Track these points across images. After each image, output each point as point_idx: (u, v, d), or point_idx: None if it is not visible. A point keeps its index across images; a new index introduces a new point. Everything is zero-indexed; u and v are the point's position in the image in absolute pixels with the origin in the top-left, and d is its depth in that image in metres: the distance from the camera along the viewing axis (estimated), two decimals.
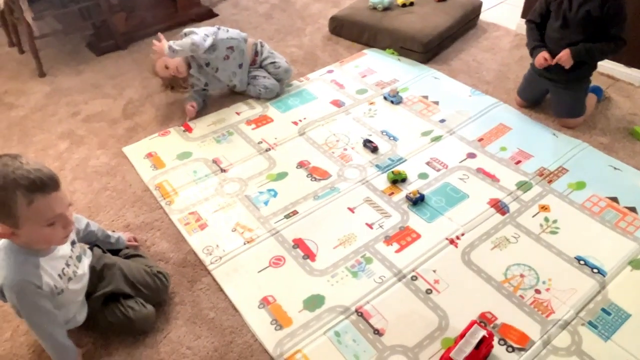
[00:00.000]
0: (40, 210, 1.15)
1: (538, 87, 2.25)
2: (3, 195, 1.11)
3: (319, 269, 1.62)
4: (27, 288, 1.21)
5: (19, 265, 1.21)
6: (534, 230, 1.73)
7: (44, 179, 1.14)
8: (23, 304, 1.23)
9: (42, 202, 1.14)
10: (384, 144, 2.12)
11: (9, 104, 2.47)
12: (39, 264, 1.24)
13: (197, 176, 2.00)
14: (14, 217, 1.14)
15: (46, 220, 1.17)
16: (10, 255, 1.22)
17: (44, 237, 1.21)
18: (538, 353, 1.38)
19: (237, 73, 2.36)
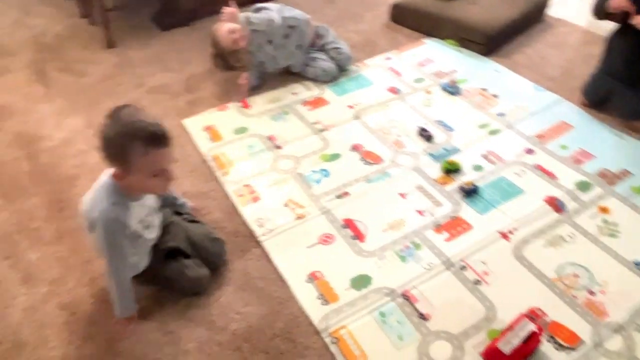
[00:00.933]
0: (150, 162, 1.25)
1: (605, 86, 2.16)
2: (123, 142, 1.21)
3: (368, 250, 1.64)
4: (116, 226, 1.31)
5: (114, 204, 1.31)
6: (591, 231, 1.68)
7: (160, 134, 1.24)
8: (108, 239, 1.32)
9: (154, 155, 1.25)
10: (439, 134, 2.11)
11: (80, 71, 2.59)
12: (130, 207, 1.34)
13: (252, 151, 2.05)
14: (127, 164, 1.24)
15: (153, 172, 1.27)
16: (109, 194, 1.31)
17: (146, 187, 1.33)
18: (588, 354, 1.35)
19: (295, 53, 2.39)
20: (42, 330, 1.46)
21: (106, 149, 1.25)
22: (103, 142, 1.25)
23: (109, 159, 1.27)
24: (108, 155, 1.26)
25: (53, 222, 1.78)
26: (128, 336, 1.43)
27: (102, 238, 1.32)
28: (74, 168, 2.00)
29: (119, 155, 1.24)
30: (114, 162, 1.27)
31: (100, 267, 1.61)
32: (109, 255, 1.35)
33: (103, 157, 1.27)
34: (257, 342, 1.41)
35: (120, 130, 1.22)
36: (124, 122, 1.23)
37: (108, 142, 1.24)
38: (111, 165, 1.28)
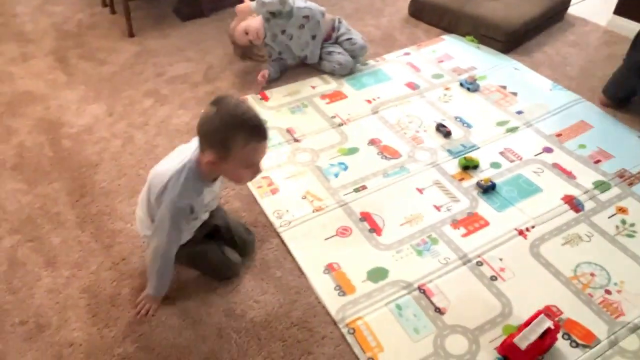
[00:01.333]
0: (249, 154, 1.27)
1: (627, 85, 2.14)
2: (229, 131, 1.22)
3: (385, 244, 1.65)
4: (185, 212, 1.33)
5: (189, 189, 1.32)
6: (609, 231, 1.67)
7: (263, 128, 1.26)
8: (173, 223, 1.33)
9: (254, 148, 1.27)
10: (457, 130, 2.11)
11: (101, 60, 2.62)
12: (203, 192, 1.37)
13: (270, 143, 2.05)
14: (227, 152, 1.24)
15: (248, 163, 1.29)
16: (189, 178, 1.31)
17: (238, 176, 1.35)
18: (603, 352, 1.35)
19: (310, 44, 2.40)
20: (65, 312, 1.49)
21: (208, 136, 1.25)
22: (206, 128, 1.25)
23: (208, 144, 1.26)
24: (208, 142, 1.26)
25: (75, 208, 1.81)
26: (151, 315, 1.46)
27: (167, 220, 1.33)
28: (95, 155, 2.03)
29: (221, 143, 1.24)
30: (212, 148, 1.25)
31: (122, 251, 1.65)
32: (167, 236, 1.35)
33: (201, 142, 1.27)
34: (274, 330, 1.43)
35: (227, 119, 1.22)
36: (232, 112, 1.23)
37: (212, 128, 1.24)
38: (207, 150, 1.26)
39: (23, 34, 2.84)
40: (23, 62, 2.60)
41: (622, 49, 2.59)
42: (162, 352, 1.39)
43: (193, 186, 1.33)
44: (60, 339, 1.42)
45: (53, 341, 1.42)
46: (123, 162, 2.00)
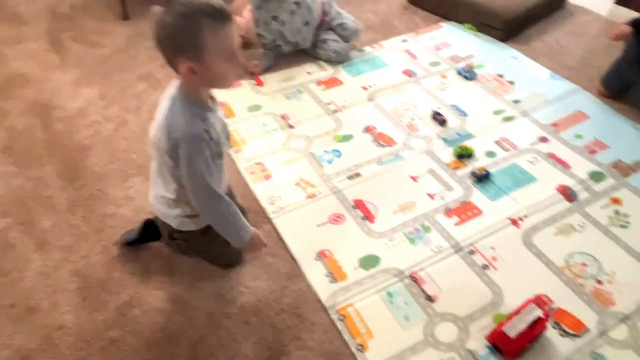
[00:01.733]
0: (223, 40, 1.12)
1: (625, 76, 2.13)
2: (190, 24, 1.08)
3: (377, 231, 1.65)
4: (203, 136, 1.20)
5: (194, 116, 1.20)
6: (602, 222, 1.67)
7: (224, 7, 1.11)
8: (199, 154, 1.20)
9: (225, 32, 1.12)
10: (453, 118, 2.09)
11: (95, 42, 2.59)
12: (208, 118, 1.23)
13: (265, 129, 2.05)
14: (200, 47, 1.10)
15: (228, 52, 1.14)
16: (185, 107, 1.19)
17: (222, 73, 1.17)
18: (592, 341, 1.36)
19: (302, 30, 2.35)
20: (55, 296, 1.48)
21: (173, 40, 1.10)
22: (166, 32, 1.10)
23: (176, 52, 1.11)
24: (176, 48, 1.11)
25: (66, 191, 1.80)
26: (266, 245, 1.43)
27: (193, 157, 1.20)
28: (87, 139, 2.01)
29: (189, 43, 1.09)
30: (183, 53, 1.10)
31: (113, 235, 1.64)
32: (205, 175, 1.22)
33: (168, 54, 1.13)
34: (265, 316, 1.43)
35: (184, 11, 1.08)
36: (184, 3, 1.09)
37: (172, 30, 1.09)
38: (179, 59, 1.11)
39: (16, 15, 2.80)
40: (16, 44, 2.56)
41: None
42: (152, 337, 1.39)
43: (193, 112, 1.20)
44: (50, 322, 1.42)
45: (43, 324, 1.42)
46: (116, 146, 1.98)
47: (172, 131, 1.20)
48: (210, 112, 1.26)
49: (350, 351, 1.35)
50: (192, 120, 1.19)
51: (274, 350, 1.36)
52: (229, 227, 1.34)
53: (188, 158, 1.21)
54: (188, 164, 1.22)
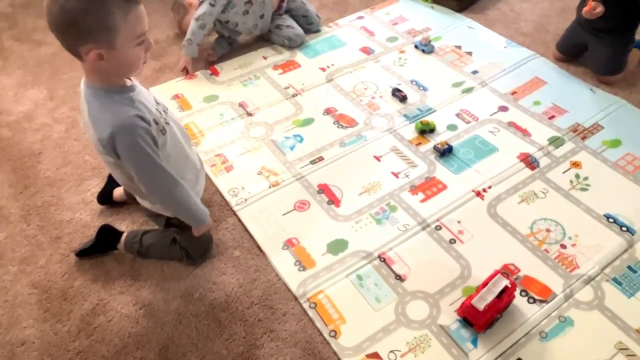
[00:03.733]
0: (134, 23, 1.04)
1: (579, 39, 2.14)
2: (99, 7, 0.99)
3: (343, 215, 1.63)
4: (139, 122, 1.12)
5: (119, 104, 1.12)
6: (563, 186, 1.69)
7: None
8: (138, 141, 1.12)
9: (136, 14, 1.04)
10: (413, 94, 2.08)
11: (38, 41, 2.47)
12: (134, 100, 1.14)
13: (223, 119, 1.99)
14: (111, 32, 1.02)
15: (138, 35, 1.06)
16: (105, 100, 1.12)
17: (133, 58, 1.09)
18: (559, 305, 1.38)
19: (259, 24, 2.30)
20: (15, 311, 1.43)
21: (76, 24, 0.99)
22: (68, 16, 0.98)
23: (82, 37, 1.01)
24: (79, 33, 1.00)
25: (18, 200, 1.72)
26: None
27: (134, 146, 1.13)
28: (37, 143, 1.93)
29: (97, 26, 1.00)
30: (90, 38, 1.01)
31: (71, 242, 1.58)
32: (155, 160, 1.16)
33: (70, 41, 1.03)
34: (235, 311, 1.41)
35: None
36: None
37: (78, 13, 0.97)
38: (86, 45, 1.02)
39: None
40: None
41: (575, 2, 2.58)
42: (120, 343, 1.35)
43: (116, 101, 1.12)
44: (12, 339, 1.37)
45: (4, 341, 1.36)
46: (67, 148, 1.90)
47: (100, 129, 1.12)
48: (134, 91, 1.17)
49: (323, 338, 1.34)
50: (120, 110, 1.11)
51: (247, 344, 1.34)
52: (190, 209, 1.31)
53: (129, 150, 1.14)
54: (131, 156, 1.15)
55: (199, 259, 1.52)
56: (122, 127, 1.11)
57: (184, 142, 1.35)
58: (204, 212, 1.36)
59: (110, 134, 1.11)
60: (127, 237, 1.53)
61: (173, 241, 1.49)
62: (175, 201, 1.28)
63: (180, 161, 1.32)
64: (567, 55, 2.21)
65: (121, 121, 1.11)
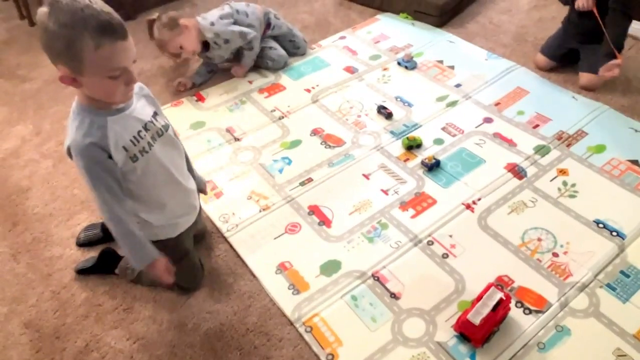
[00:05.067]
0: (105, 58, 1.03)
1: (566, 44, 2.19)
2: (71, 35, 1.00)
3: (335, 235, 1.63)
4: (90, 150, 1.12)
5: (84, 126, 1.12)
6: (552, 194, 1.70)
7: (114, 23, 1.03)
8: (85, 166, 1.14)
9: (109, 49, 1.03)
10: (399, 110, 2.09)
11: (23, 76, 2.47)
12: (106, 124, 1.13)
13: (211, 145, 2.00)
14: (79, 61, 1.02)
15: (109, 70, 1.06)
16: (77, 117, 1.13)
17: (105, 90, 1.09)
18: (555, 315, 1.38)
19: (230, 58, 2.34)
20: (6, 353, 1.40)
21: (50, 45, 1.02)
22: (46, 37, 1.01)
23: (55, 57, 1.04)
24: (54, 54, 1.03)
25: (7, 238, 1.70)
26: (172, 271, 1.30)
27: (82, 168, 1.14)
28: (25, 179, 1.91)
29: (67, 52, 1.01)
30: (60, 60, 1.04)
31: (62, 278, 1.56)
32: (95, 188, 1.16)
33: (50, 58, 1.05)
34: (230, 339, 1.39)
35: (64, 20, 0.99)
36: (69, 8, 0.99)
37: (52, 36, 1.00)
38: (58, 65, 1.05)
39: None
40: None
41: (553, 11, 2.65)
42: None
43: (85, 121, 1.12)
44: None
45: None
46: (56, 183, 1.89)
47: (66, 140, 1.16)
48: (115, 114, 1.15)
49: None
50: (82, 132, 1.12)
51: None
52: (124, 248, 1.26)
53: (79, 170, 1.17)
54: (81, 175, 1.17)
55: (189, 288, 1.50)
56: (74, 148, 1.13)
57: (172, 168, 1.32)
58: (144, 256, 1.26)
59: (67, 148, 1.15)
60: (121, 262, 1.54)
61: None
62: (114, 234, 1.24)
63: (157, 187, 1.30)
64: (553, 59, 2.24)
65: (75, 143, 1.13)
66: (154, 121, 1.26)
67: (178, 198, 1.37)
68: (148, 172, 1.24)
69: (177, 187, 1.36)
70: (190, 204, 1.44)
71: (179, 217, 1.40)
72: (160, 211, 1.33)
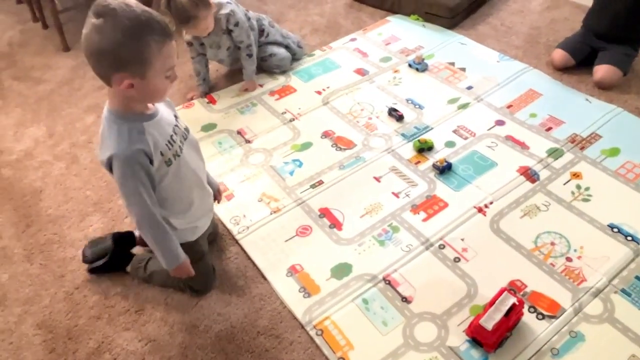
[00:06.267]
0: (166, 57, 1.09)
1: (588, 42, 2.19)
2: (140, 41, 1.03)
3: (346, 238, 1.62)
4: (138, 157, 1.14)
5: (124, 134, 1.14)
6: (565, 198, 1.69)
7: (167, 24, 1.09)
8: (132, 174, 1.15)
9: (168, 49, 1.09)
10: (410, 113, 2.09)
11: (37, 78, 2.50)
12: (144, 130, 1.16)
13: (222, 147, 2.00)
14: (147, 65, 1.06)
15: (168, 69, 1.11)
16: (113, 125, 1.14)
17: (160, 89, 1.14)
18: (569, 320, 1.36)
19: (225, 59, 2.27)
20: (20, 353, 1.41)
21: (113, 54, 1.03)
22: (106, 46, 1.02)
23: (116, 67, 1.05)
24: (116, 63, 1.04)
25: (21, 239, 1.72)
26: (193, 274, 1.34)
27: (121, 175, 1.15)
28: (39, 181, 1.93)
29: (135, 58, 1.04)
30: (123, 67, 1.05)
31: (75, 280, 1.57)
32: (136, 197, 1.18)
33: (102, 68, 1.06)
34: (241, 342, 1.39)
35: (130, 26, 1.01)
36: (129, 16, 1.02)
37: (116, 44, 1.02)
38: (118, 73, 1.06)
39: None
40: None
41: (565, 12, 2.63)
42: None
43: (125, 130, 1.14)
44: None
45: None
46: (69, 185, 1.91)
47: (104, 150, 1.17)
48: (150, 120, 1.19)
49: None
50: (125, 139, 1.14)
51: None
52: (158, 250, 1.28)
53: (120, 179, 1.17)
54: (120, 185, 1.18)
55: (201, 290, 1.51)
56: (119, 156, 1.14)
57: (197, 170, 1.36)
58: (176, 258, 1.29)
59: (109, 158, 1.15)
60: (133, 261, 1.55)
61: None
62: (150, 238, 1.27)
63: (185, 190, 1.32)
64: (572, 55, 2.22)
65: (121, 151, 1.13)
66: (178, 124, 1.29)
67: (201, 201, 1.39)
68: (178, 176, 1.27)
69: (202, 190, 1.39)
70: (209, 206, 1.46)
71: (198, 220, 1.41)
72: (183, 215, 1.35)
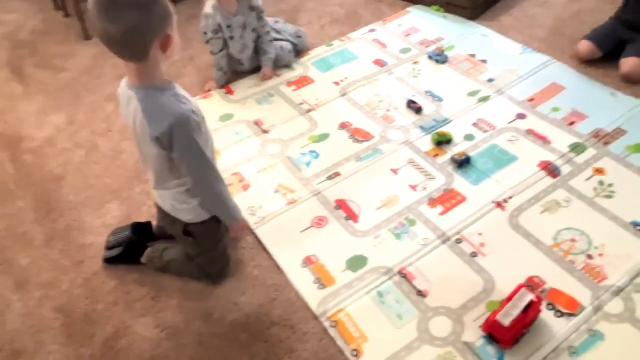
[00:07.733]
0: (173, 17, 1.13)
1: (616, 34, 2.14)
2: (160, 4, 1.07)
3: (362, 230, 1.62)
4: (193, 117, 1.18)
5: (172, 100, 1.17)
6: (587, 194, 1.65)
7: None
8: (196, 135, 1.19)
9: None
10: (428, 105, 2.06)
11: (58, 66, 2.52)
12: (179, 93, 1.20)
13: (239, 137, 2.01)
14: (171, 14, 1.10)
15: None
16: (159, 97, 1.16)
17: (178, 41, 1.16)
18: (588, 319, 1.34)
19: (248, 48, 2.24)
20: (39, 335, 1.44)
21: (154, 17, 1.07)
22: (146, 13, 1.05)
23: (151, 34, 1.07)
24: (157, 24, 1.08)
25: (41, 225, 1.75)
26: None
27: (190, 138, 1.18)
28: (59, 167, 1.96)
29: (166, 10, 1.08)
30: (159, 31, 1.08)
31: (93, 266, 1.60)
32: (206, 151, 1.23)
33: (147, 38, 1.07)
34: (256, 331, 1.40)
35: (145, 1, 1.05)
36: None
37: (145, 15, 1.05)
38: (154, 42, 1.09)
39: None
40: None
41: (591, 3, 2.56)
42: None
43: (173, 95, 1.18)
44: None
45: None
46: (88, 172, 1.93)
47: (158, 124, 1.15)
48: (176, 87, 1.22)
49: (345, 358, 1.32)
50: (175, 104, 1.17)
51: None
52: (227, 204, 1.36)
53: (187, 141, 1.19)
54: (186, 148, 1.20)
55: (217, 277, 1.52)
56: (180, 120, 1.16)
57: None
58: (238, 210, 1.41)
59: (169, 126, 1.15)
60: (149, 251, 1.57)
61: (191, 258, 1.50)
62: (216, 196, 1.33)
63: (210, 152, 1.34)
64: (600, 47, 2.16)
65: (179, 115, 1.16)
66: None
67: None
68: (207, 142, 1.28)
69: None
70: None
71: None
72: None
